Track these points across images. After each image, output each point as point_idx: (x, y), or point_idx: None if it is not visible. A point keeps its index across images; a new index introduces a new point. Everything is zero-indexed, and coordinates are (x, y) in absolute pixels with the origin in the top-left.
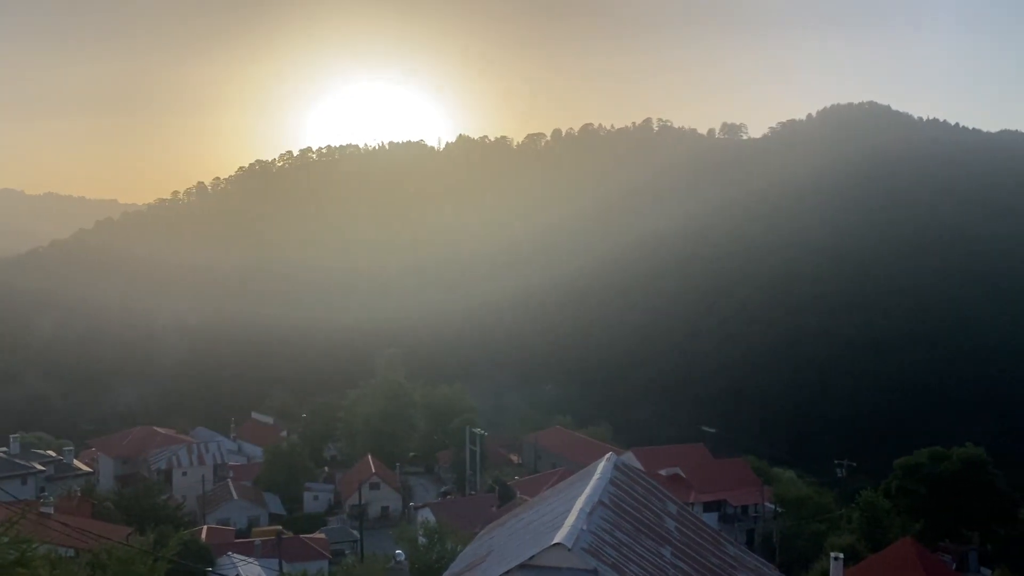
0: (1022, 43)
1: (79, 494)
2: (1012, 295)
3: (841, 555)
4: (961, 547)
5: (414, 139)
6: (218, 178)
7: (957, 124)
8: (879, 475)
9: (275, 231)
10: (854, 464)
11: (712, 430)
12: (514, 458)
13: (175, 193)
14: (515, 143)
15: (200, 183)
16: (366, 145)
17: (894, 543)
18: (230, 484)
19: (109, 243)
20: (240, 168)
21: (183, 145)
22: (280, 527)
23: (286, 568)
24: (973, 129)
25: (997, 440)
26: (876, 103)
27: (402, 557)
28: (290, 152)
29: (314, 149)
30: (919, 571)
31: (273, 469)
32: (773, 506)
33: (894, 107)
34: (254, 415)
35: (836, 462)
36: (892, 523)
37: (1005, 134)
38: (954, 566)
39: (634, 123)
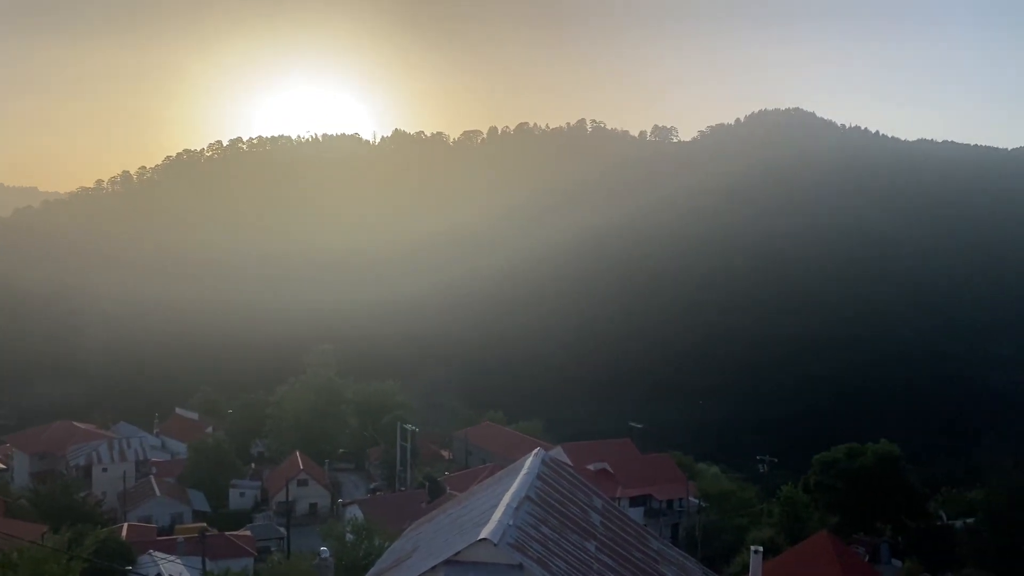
0: (938, 55)
1: None
2: (929, 299)
3: (761, 548)
4: (874, 540)
5: (348, 132)
6: (144, 167)
7: (878, 132)
8: (800, 471)
9: (204, 223)
10: (776, 460)
11: (640, 426)
12: (445, 454)
13: (99, 182)
14: (451, 139)
15: (125, 172)
16: (299, 137)
17: (811, 536)
18: (153, 481)
19: (29, 232)
20: (167, 157)
21: (108, 133)
22: (204, 524)
23: (210, 566)
24: (892, 137)
25: (910, 437)
26: (802, 109)
27: (327, 554)
28: (220, 142)
29: (245, 140)
30: (834, 563)
31: (198, 466)
32: (697, 501)
33: (819, 114)
34: (179, 410)
35: (758, 458)
36: (810, 517)
37: (922, 143)
38: (867, 558)
39: (569, 123)
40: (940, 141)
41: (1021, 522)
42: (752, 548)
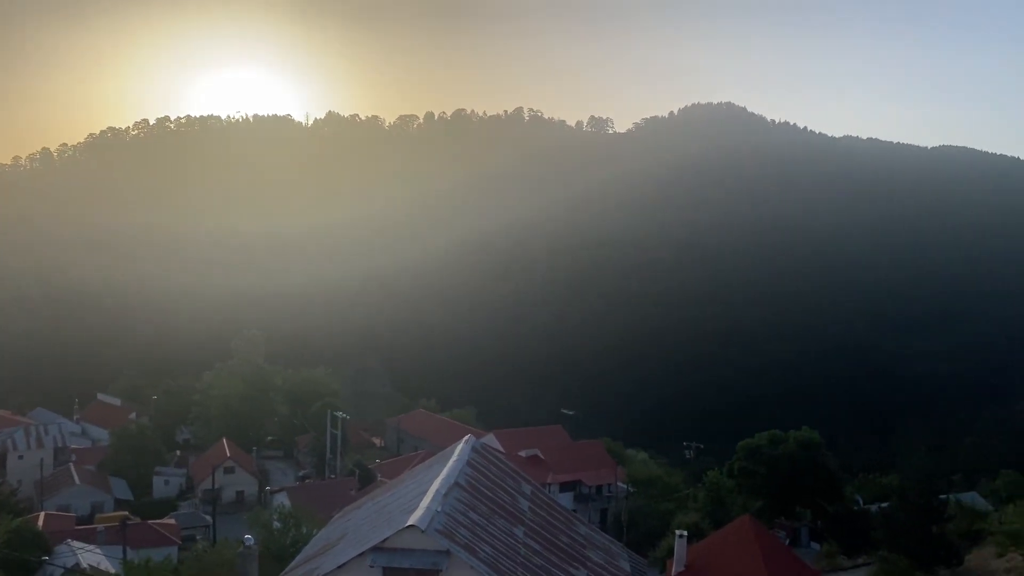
0: (864, 54)
1: None
2: (853, 292)
3: (685, 533)
4: (794, 524)
5: (280, 114)
6: (65, 144)
7: (806, 128)
8: (725, 457)
9: (128, 203)
10: (702, 447)
11: (571, 413)
12: (377, 441)
13: (16, 158)
14: (387, 123)
15: (45, 149)
16: (229, 117)
17: (734, 521)
18: (72, 468)
19: None
20: (90, 135)
21: (26, 109)
22: (126, 513)
23: (131, 555)
24: (820, 133)
25: (831, 425)
26: (734, 104)
27: (251, 542)
28: (146, 121)
29: (172, 119)
30: (754, 547)
31: (120, 453)
32: (626, 486)
33: (750, 109)
34: (100, 396)
35: (685, 444)
36: (734, 502)
37: (848, 139)
38: (787, 541)
39: (506, 111)
40: (865, 138)
41: (931, 506)
42: (677, 532)
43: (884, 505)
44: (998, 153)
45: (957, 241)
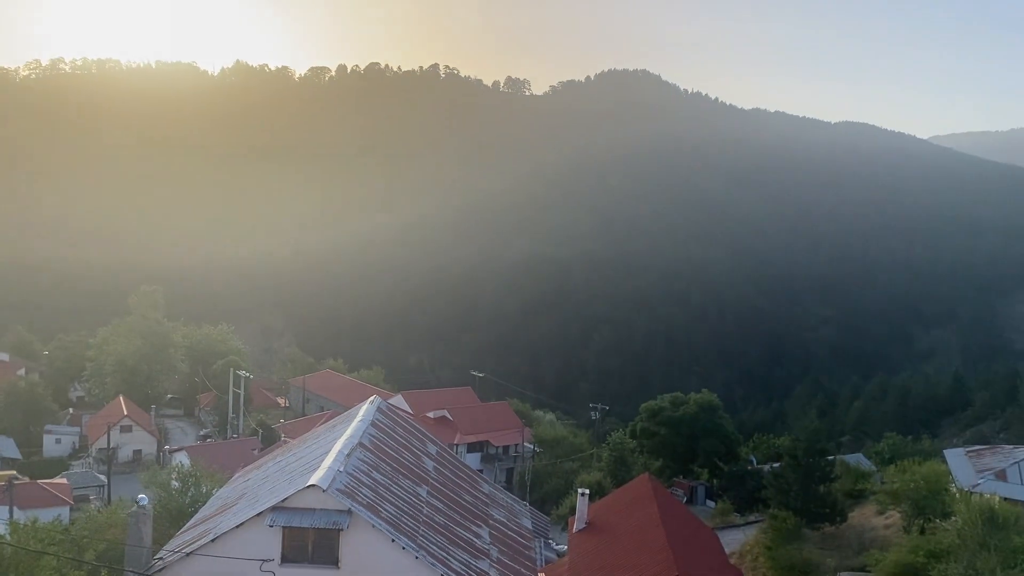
0: (777, 28)
1: None
2: (751, 260)
3: (588, 491)
4: (692, 483)
5: (185, 60)
6: None
7: (717, 99)
8: (629, 418)
9: (19, 150)
10: (607, 408)
11: (480, 374)
12: (282, 401)
13: None
14: (297, 75)
15: None
16: (130, 62)
17: (634, 479)
18: None
19: None
20: None
21: None
22: (13, 472)
23: (18, 516)
24: (730, 104)
25: (730, 388)
26: (648, 72)
27: (145, 501)
28: (38, 61)
29: (67, 60)
30: (652, 503)
31: (8, 409)
32: (532, 446)
33: (664, 77)
34: None
35: (591, 406)
36: (636, 461)
37: (757, 112)
38: (685, 500)
39: (421, 67)
40: (772, 111)
41: (818, 466)
42: (579, 490)
43: (776, 465)
44: (896, 131)
45: (852, 212)
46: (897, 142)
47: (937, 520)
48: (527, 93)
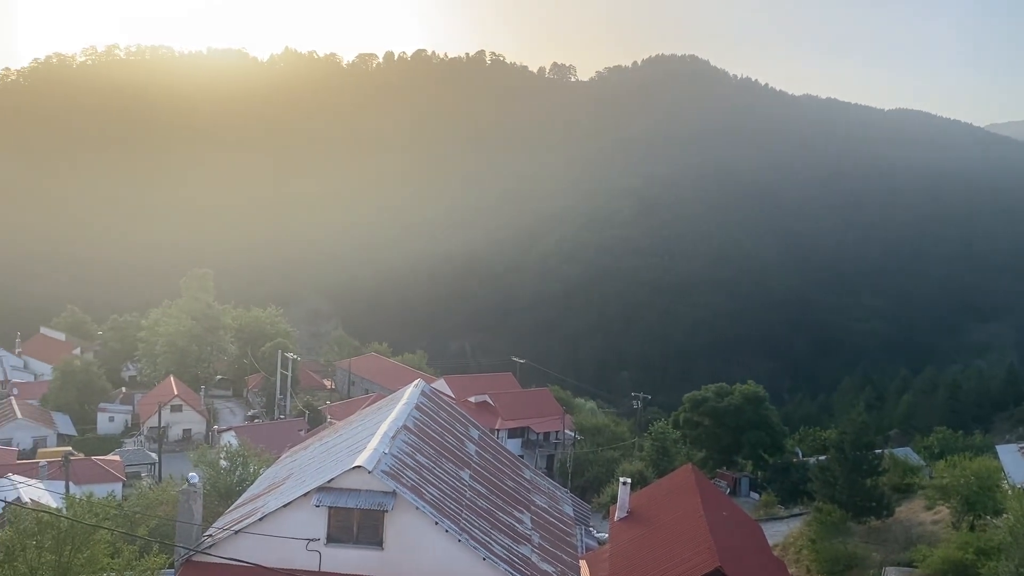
0: (824, 16)
1: None
2: (800, 249)
3: (629, 480)
4: (735, 474)
5: (235, 47)
6: (8, 69)
7: (767, 85)
8: (672, 408)
9: (75, 135)
10: (649, 397)
11: (522, 360)
12: (328, 383)
13: None
14: (345, 62)
15: None
16: (182, 49)
17: (676, 469)
18: (13, 402)
19: None
20: (35, 60)
21: None
22: (69, 448)
23: (73, 490)
24: (780, 91)
25: (776, 380)
26: (697, 57)
27: (195, 479)
28: (94, 48)
29: (122, 47)
30: (694, 494)
31: (64, 388)
32: (573, 434)
33: (713, 63)
34: (43, 330)
35: (633, 395)
36: (678, 452)
37: (806, 98)
38: (728, 491)
39: (468, 53)
40: (824, 98)
41: (865, 460)
42: (621, 479)
43: (822, 458)
44: (952, 118)
45: (906, 202)
46: (953, 130)
47: (988, 517)
48: (573, 79)
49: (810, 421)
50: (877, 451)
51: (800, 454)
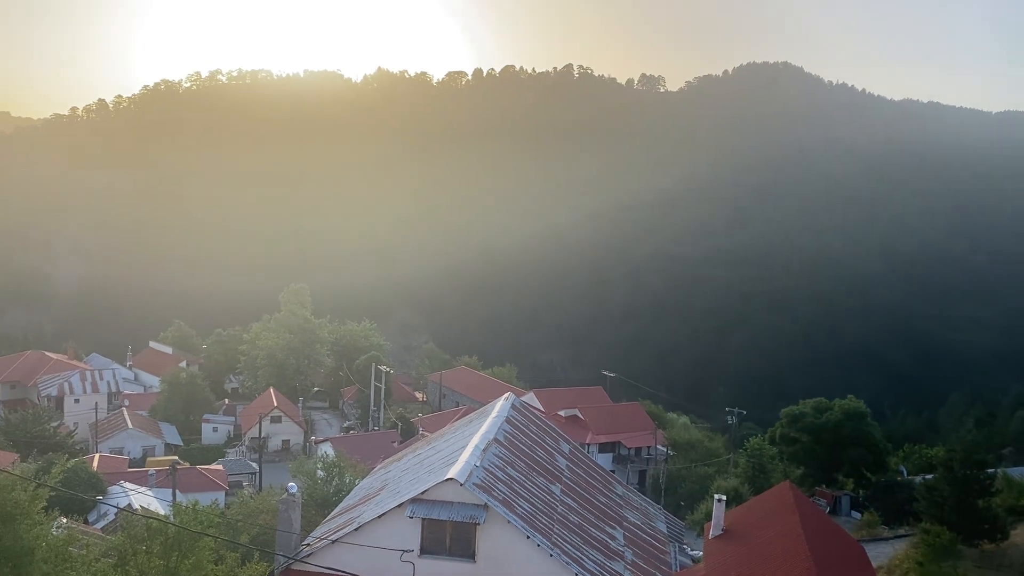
0: (925, 15)
1: None
2: (902, 259)
3: (724, 497)
4: (836, 492)
5: (331, 68)
6: (120, 96)
7: (864, 90)
8: (767, 424)
9: (181, 156)
10: (744, 412)
11: (612, 374)
12: (419, 396)
13: (74, 110)
14: (435, 80)
15: (101, 100)
16: (280, 72)
17: (773, 487)
18: (125, 413)
19: (1, 158)
20: (145, 87)
21: (83, 57)
22: (176, 457)
23: (180, 498)
24: (878, 96)
25: (877, 394)
26: (790, 64)
27: (295, 489)
28: (198, 73)
29: (224, 72)
30: (793, 513)
31: (171, 399)
32: (665, 449)
33: (807, 69)
34: (152, 344)
35: (727, 410)
36: (775, 469)
37: (907, 102)
38: (827, 509)
39: (556, 68)
40: (925, 102)
41: (977, 479)
42: (716, 496)
43: (928, 477)
44: None
45: (1015, 208)
46: None
47: None
48: (661, 90)
49: (915, 438)
50: (989, 470)
51: (905, 472)
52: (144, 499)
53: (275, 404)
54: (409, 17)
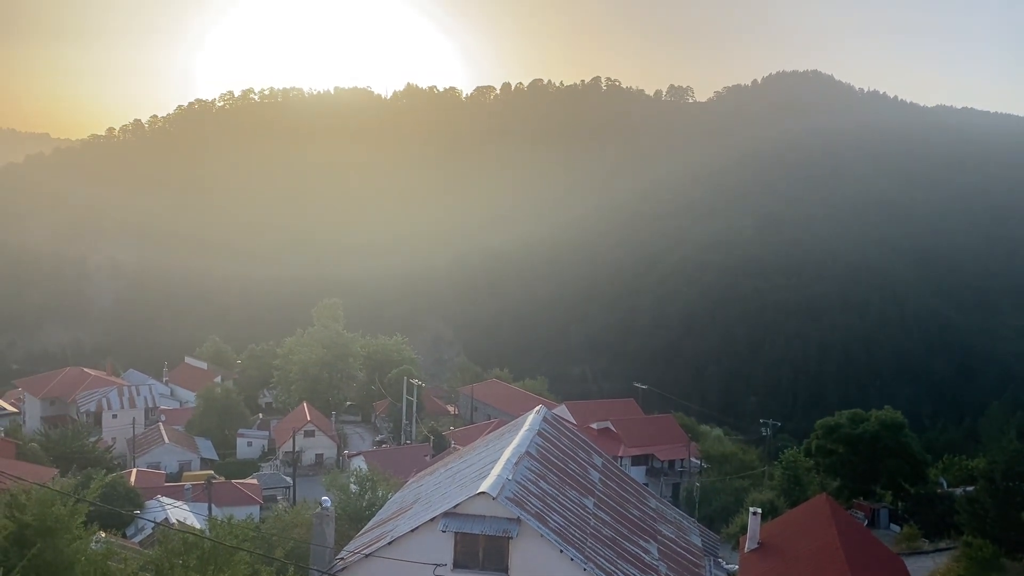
0: (958, 20)
1: (2, 435)
2: (938, 267)
3: (759, 510)
4: (874, 505)
5: (360, 85)
6: (155, 116)
7: (896, 97)
8: (802, 435)
9: (214, 174)
10: (779, 424)
11: (644, 386)
12: (451, 409)
13: (111, 130)
14: (464, 95)
15: (136, 120)
16: (311, 89)
17: (810, 499)
18: (161, 428)
19: (41, 178)
20: (179, 107)
21: (120, 79)
22: (212, 472)
23: (216, 512)
24: (910, 103)
25: (915, 405)
26: (820, 72)
27: (328, 503)
28: (231, 92)
29: (256, 91)
30: (831, 526)
31: (206, 414)
32: (699, 462)
33: (837, 77)
34: (188, 359)
35: (762, 421)
36: (811, 481)
37: (940, 108)
38: (865, 522)
39: (583, 81)
40: (959, 108)
41: (1020, 490)
42: (751, 509)
43: (969, 489)
44: None
45: None
46: None
47: None
48: (690, 100)
49: (954, 449)
50: None
51: (944, 484)
52: (180, 513)
53: (308, 418)
54: (438, 34)
